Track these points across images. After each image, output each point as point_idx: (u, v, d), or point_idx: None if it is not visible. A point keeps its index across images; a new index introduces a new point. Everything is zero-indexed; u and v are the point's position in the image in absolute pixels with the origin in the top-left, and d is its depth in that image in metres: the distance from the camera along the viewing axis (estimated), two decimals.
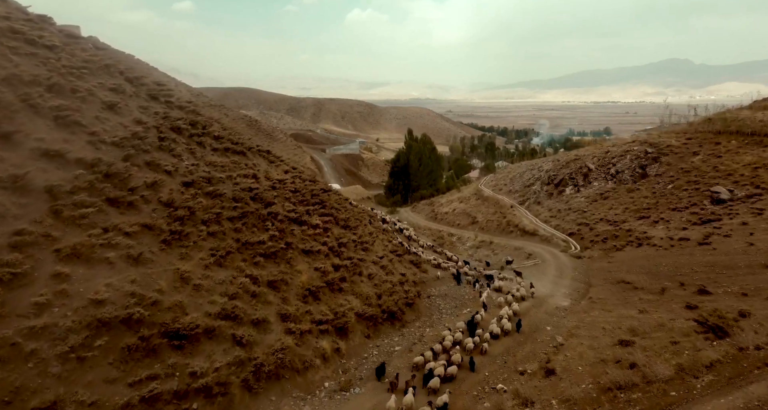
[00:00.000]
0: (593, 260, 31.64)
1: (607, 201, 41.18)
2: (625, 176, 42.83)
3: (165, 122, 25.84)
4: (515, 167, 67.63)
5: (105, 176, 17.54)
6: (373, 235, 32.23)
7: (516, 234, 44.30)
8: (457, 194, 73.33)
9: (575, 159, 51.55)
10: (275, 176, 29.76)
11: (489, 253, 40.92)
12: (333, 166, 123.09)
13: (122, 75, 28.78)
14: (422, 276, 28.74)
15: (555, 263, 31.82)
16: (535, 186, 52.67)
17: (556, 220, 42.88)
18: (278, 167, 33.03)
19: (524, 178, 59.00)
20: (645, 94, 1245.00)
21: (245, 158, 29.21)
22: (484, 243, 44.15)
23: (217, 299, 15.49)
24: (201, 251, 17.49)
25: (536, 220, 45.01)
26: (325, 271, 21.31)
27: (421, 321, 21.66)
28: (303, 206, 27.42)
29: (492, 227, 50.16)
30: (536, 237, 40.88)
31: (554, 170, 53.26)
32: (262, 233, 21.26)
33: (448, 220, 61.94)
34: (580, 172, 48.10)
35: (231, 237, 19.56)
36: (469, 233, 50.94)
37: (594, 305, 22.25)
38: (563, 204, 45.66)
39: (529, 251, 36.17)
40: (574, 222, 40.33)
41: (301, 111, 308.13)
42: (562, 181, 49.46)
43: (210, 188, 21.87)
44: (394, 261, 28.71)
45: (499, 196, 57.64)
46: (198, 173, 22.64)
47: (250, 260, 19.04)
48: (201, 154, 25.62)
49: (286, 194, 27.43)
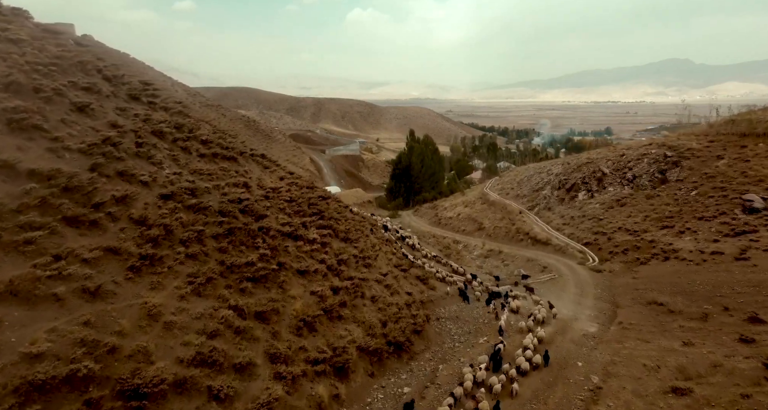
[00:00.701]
0: (615, 274, 29.07)
1: (625, 208, 38.59)
2: (643, 182, 40.24)
3: (145, 125, 23.26)
4: (522, 170, 65.05)
5: (64, 189, 14.95)
6: (376, 247, 29.68)
7: (526, 243, 41.72)
8: (462, 197, 70.75)
9: (587, 162, 48.96)
10: (269, 183, 27.20)
11: (498, 264, 38.35)
12: (333, 167, 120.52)
13: (100, 73, 26.18)
14: (430, 294, 26.15)
15: (573, 278, 29.24)
16: (545, 191, 50.08)
17: (570, 228, 40.30)
18: (273, 173, 30.50)
19: (532, 182, 56.41)
20: (645, 94, 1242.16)
21: (236, 164, 26.66)
22: (493, 252, 41.57)
23: (192, 339, 12.92)
24: (177, 279, 14.91)
25: (548, 228, 42.44)
26: (322, 295, 18.71)
27: (431, 351, 19.08)
28: (299, 218, 24.90)
29: (500, 234, 47.59)
30: (549, 247, 38.29)
31: (565, 174, 50.67)
32: (251, 252, 18.67)
33: (453, 225, 59.38)
34: (594, 176, 45.52)
35: (214, 259, 16.97)
36: (476, 241, 48.36)
37: (627, 332, 19.68)
38: (576, 211, 43.07)
39: (543, 264, 33.59)
40: (590, 231, 37.75)
41: (301, 111, 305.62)
42: (574, 186, 46.88)
43: (193, 201, 19.28)
44: (399, 278, 26.13)
45: (506, 201, 55.06)
46: (180, 184, 20.06)
47: (236, 286, 16.45)
48: (185, 161, 23.03)
49: (281, 204, 24.90)
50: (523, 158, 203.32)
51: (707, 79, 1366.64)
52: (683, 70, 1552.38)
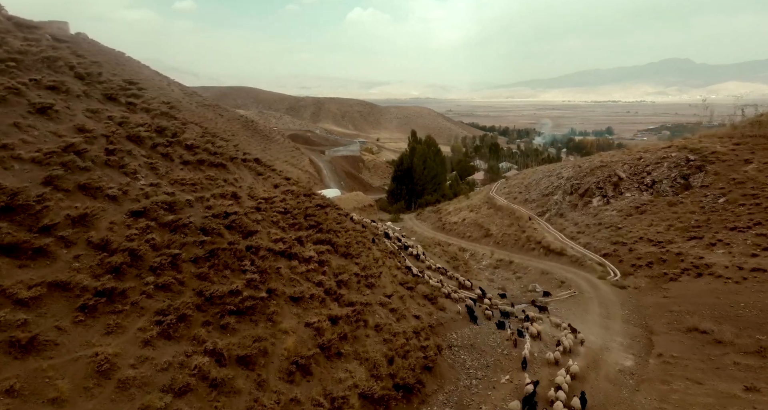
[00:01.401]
0: (642, 292, 26.46)
1: (645, 216, 36.01)
2: (664, 187, 37.65)
3: (120, 128, 20.63)
4: (530, 173, 62.45)
5: (2, 210, 12.33)
6: (379, 262, 27.08)
7: (538, 253, 39.13)
8: (466, 201, 68.18)
9: (601, 166, 46.35)
10: (261, 192, 24.57)
11: (510, 276, 35.75)
12: (332, 168, 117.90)
13: (72, 70, 23.55)
14: (440, 316, 23.56)
15: (596, 295, 26.65)
16: (557, 196, 47.47)
17: (586, 237, 37.71)
18: (267, 180, 27.90)
19: (541, 186, 53.80)
20: (646, 93, 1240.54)
21: (225, 172, 24.06)
22: (503, 263, 38.98)
23: (154, 400, 10.29)
24: (142, 318, 12.29)
25: (561, 236, 39.85)
26: (319, 328, 16.09)
27: (445, 392, 16.50)
28: (294, 232, 22.33)
29: (509, 242, 44.99)
30: (564, 258, 35.70)
31: (577, 178, 48.06)
32: (236, 277, 16.05)
33: (458, 231, 56.81)
34: (609, 181, 42.91)
35: (191, 289, 14.34)
36: (484, 249, 45.76)
37: (670, 368, 17.08)
38: (591, 218, 40.47)
39: (560, 278, 31.00)
40: (608, 240, 35.17)
41: (301, 110, 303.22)
42: (588, 191, 44.27)
43: (170, 217, 16.64)
44: (405, 298, 23.53)
45: (514, 205, 52.46)
46: (156, 197, 17.41)
47: (216, 322, 13.83)
48: (165, 169, 20.40)
49: (274, 216, 22.32)
50: (525, 158, 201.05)
51: (707, 78, 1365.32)
52: (683, 69, 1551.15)
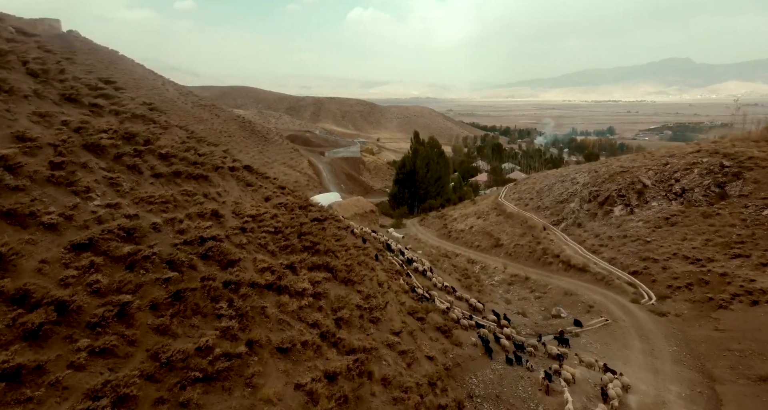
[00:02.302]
0: (686, 321, 23.08)
1: (677, 228, 32.61)
2: (696, 196, 34.25)
3: (76, 136, 17.20)
4: (540, 178, 59.04)
5: None
6: (384, 286, 23.74)
7: (557, 268, 35.73)
8: (473, 207, 64.77)
9: (622, 172, 42.92)
10: (249, 208, 21.11)
11: (527, 295, 32.36)
12: (332, 170, 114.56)
13: (24, 66, 20.12)
14: (456, 354, 20.21)
15: (632, 324, 23.25)
16: (573, 204, 44.05)
17: (609, 251, 34.31)
18: (257, 192, 24.49)
19: (555, 192, 50.39)
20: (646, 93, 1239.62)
21: (207, 185, 20.63)
22: (518, 279, 35.59)
23: None
24: (61, 405, 8.89)
25: (582, 249, 36.45)
26: (312, 392, 12.65)
27: None
28: (286, 256, 19.00)
29: (522, 254, 41.59)
30: (587, 275, 32.32)
31: (595, 185, 44.65)
32: (208, 326, 12.63)
33: (465, 239, 53.43)
34: (632, 188, 39.49)
35: (144, 350, 10.88)
36: (495, 261, 42.38)
37: None
38: (614, 229, 37.06)
39: (587, 300, 27.60)
40: (636, 256, 31.79)
41: (301, 110, 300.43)
42: (608, 199, 40.85)
43: (127, 249, 13.16)
44: (416, 333, 20.16)
45: (526, 213, 49.06)
46: (113, 221, 13.99)
47: (175, 398, 10.39)
48: (131, 185, 16.92)
49: (262, 238, 18.92)
50: (528, 159, 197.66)
51: (708, 78, 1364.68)
52: (683, 69, 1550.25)
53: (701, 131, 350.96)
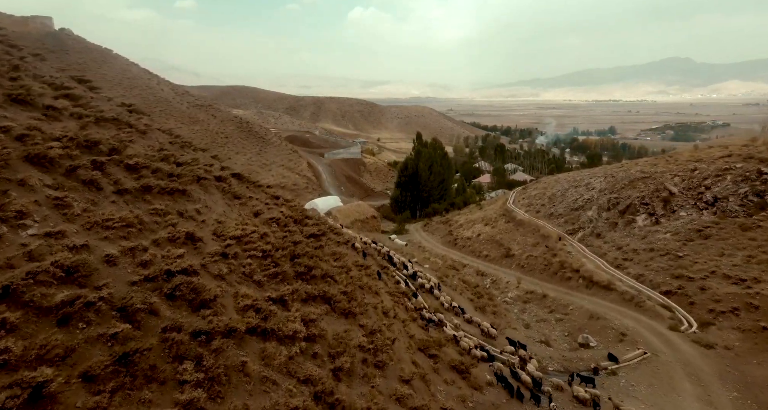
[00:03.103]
0: (741, 357, 20.03)
1: (712, 242, 29.54)
2: (732, 206, 31.19)
3: (16, 146, 14.14)
4: (552, 183, 55.94)
5: None
6: (390, 315, 20.77)
7: (577, 284, 32.67)
8: (479, 212, 61.72)
9: (644, 177, 39.82)
10: (233, 228, 17.94)
11: (546, 316, 29.29)
12: (332, 172, 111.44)
13: None
14: (477, 401, 17.16)
15: (676, 359, 20.19)
16: (591, 212, 40.96)
17: (636, 266, 31.24)
18: (246, 205, 21.39)
19: (569, 198, 47.31)
20: (647, 93, 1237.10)
21: (184, 200, 17.50)
22: (535, 296, 32.53)
23: None
24: None
25: (604, 263, 33.38)
26: None
27: None
28: (275, 286, 15.97)
29: (536, 266, 38.54)
30: (613, 294, 29.25)
31: (613, 191, 41.57)
32: (164, 399, 9.54)
33: (472, 248, 50.39)
34: (657, 196, 36.41)
35: None
36: (507, 274, 39.32)
37: None
38: (639, 241, 33.98)
39: (618, 326, 24.50)
40: (667, 273, 28.72)
41: (300, 110, 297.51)
42: (629, 207, 37.78)
43: (59, 297, 9.98)
44: (428, 378, 17.09)
45: (539, 221, 45.99)
46: (49, 257, 10.90)
47: None
48: (85, 205, 13.76)
49: (247, 265, 15.84)
50: (531, 159, 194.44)
51: (708, 78, 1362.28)
52: (684, 69, 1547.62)
53: (703, 130, 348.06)
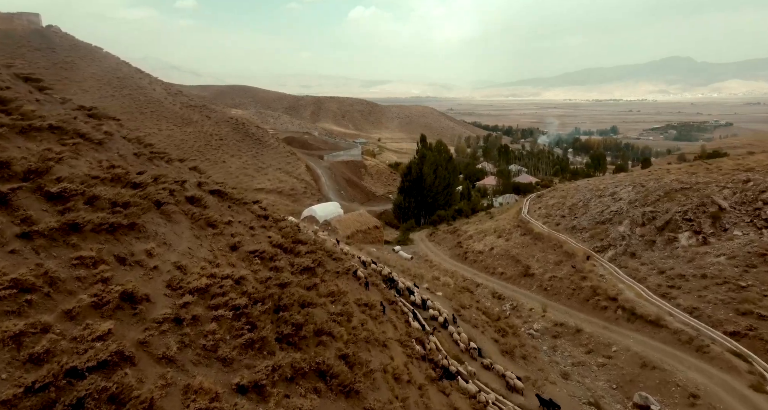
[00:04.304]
0: None
1: None
2: None
3: None
4: (570, 191, 51.26)
5: None
6: (403, 380, 16.09)
7: (614, 315, 28.03)
8: (490, 222, 57.04)
9: (683, 188, 35.18)
10: (196, 276, 12.96)
11: (585, 358, 24.60)
12: (331, 175, 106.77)
13: None
14: None
15: None
16: (622, 228, 36.32)
17: (686, 296, 26.60)
18: (221, 237, 16.62)
19: (593, 209, 42.65)
20: (647, 92, 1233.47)
21: (129, 239, 12.54)
22: (566, 330, 27.89)
23: None
24: None
25: (646, 291, 28.74)
26: None
27: None
28: (248, 363, 11.18)
29: (562, 290, 33.93)
30: (663, 332, 24.58)
31: (646, 203, 36.92)
32: None
33: (486, 264, 45.75)
34: (703, 211, 31.79)
35: None
36: (528, 298, 34.74)
37: None
38: (685, 264, 29.36)
39: (682, 381, 19.83)
40: (730, 308, 24.09)
41: (300, 110, 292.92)
42: (669, 223, 33.15)
43: None
44: None
45: (560, 235, 41.34)
46: None
47: None
48: None
49: (210, 333, 11.01)
50: (536, 161, 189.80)
51: (709, 77, 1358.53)
52: (684, 68, 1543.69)
53: (706, 130, 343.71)
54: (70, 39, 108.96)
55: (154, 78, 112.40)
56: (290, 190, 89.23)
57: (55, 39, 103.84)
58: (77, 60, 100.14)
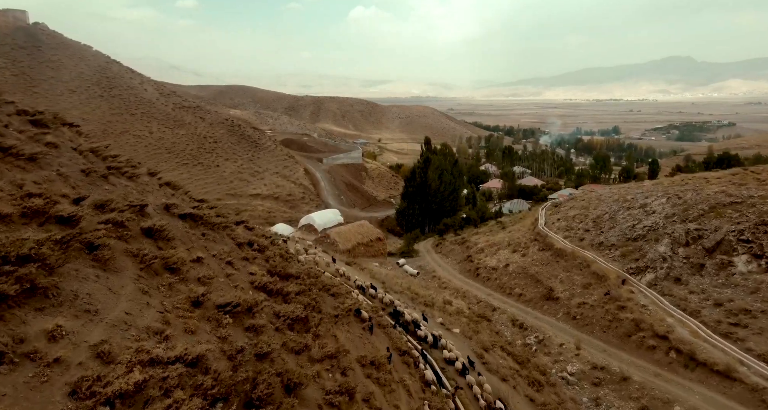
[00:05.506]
0: None
1: None
2: None
3: None
4: (593, 200, 46.66)
5: None
6: None
7: (666, 358, 23.49)
8: (502, 233, 52.43)
9: (735, 202, 30.64)
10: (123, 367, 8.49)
11: None
12: (331, 180, 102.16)
13: None
14: None
15: None
16: (662, 247, 31.76)
17: (755, 338, 22.05)
18: (181, 285, 11.92)
19: (621, 223, 38.06)
20: (648, 91, 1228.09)
21: (26, 314, 8.16)
22: (609, 378, 23.34)
23: None
24: None
25: (701, 327, 24.18)
26: None
27: None
28: None
29: (595, 320, 29.38)
30: (737, 386, 20.08)
31: (688, 218, 32.38)
32: None
33: (500, 282, 41.17)
34: (764, 231, 27.25)
35: None
36: (555, 327, 30.25)
37: None
38: (747, 296, 24.82)
39: None
40: None
41: (300, 110, 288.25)
42: (721, 243, 28.63)
43: None
44: None
45: (585, 253, 36.75)
46: None
47: None
48: None
49: None
50: (540, 162, 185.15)
51: (709, 76, 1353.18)
52: (685, 67, 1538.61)
53: (709, 130, 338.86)
54: (57, 37, 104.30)
55: (146, 77, 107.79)
56: (288, 195, 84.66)
57: (41, 37, 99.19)
58: (65, 59, 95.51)
